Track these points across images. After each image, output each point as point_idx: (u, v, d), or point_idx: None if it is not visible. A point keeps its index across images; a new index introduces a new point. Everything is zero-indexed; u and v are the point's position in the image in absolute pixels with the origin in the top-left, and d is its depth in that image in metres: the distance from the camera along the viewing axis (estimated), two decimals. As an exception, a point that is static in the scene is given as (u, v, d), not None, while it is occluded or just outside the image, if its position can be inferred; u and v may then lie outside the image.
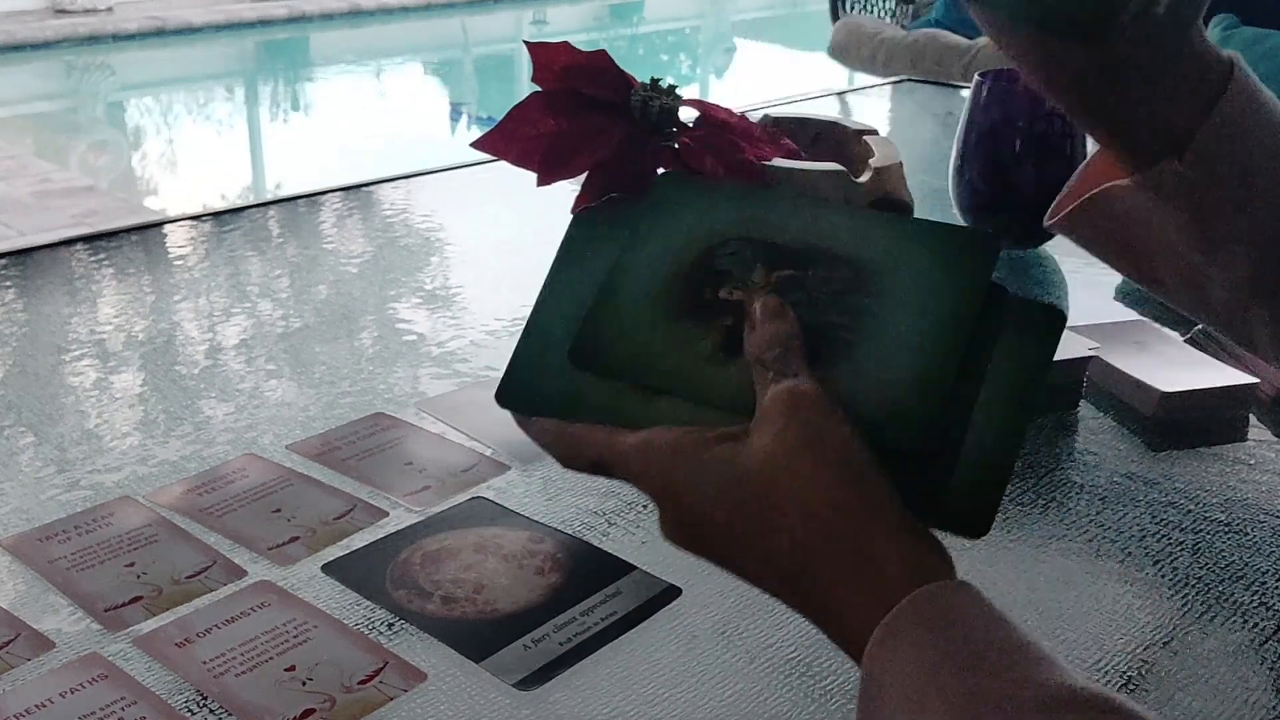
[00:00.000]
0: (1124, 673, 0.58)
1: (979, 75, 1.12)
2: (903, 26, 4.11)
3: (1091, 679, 0.39)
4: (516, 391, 0.53)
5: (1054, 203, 0.59)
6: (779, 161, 0.95)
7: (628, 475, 0.48)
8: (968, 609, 0.40)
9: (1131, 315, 0.98)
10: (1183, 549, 0.68)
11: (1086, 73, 0.51)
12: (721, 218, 0.54)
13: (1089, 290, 1.09)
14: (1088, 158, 0.59)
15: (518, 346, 0.55)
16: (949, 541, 0.44)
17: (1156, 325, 0.93)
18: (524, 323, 0.57)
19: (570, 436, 0.50)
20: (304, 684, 0.56)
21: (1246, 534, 0.69)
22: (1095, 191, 0.56)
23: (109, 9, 7.54)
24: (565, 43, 0.96)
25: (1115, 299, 1.05)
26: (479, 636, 0.59)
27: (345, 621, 0.60)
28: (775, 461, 0.43)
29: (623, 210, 0.57)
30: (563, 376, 0.52)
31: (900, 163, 0.97)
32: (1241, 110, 0.51)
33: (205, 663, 0.57)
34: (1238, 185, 0.52)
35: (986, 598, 0.41)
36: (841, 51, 4.10)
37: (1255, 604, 0.63)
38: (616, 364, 0.51)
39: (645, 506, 0.71)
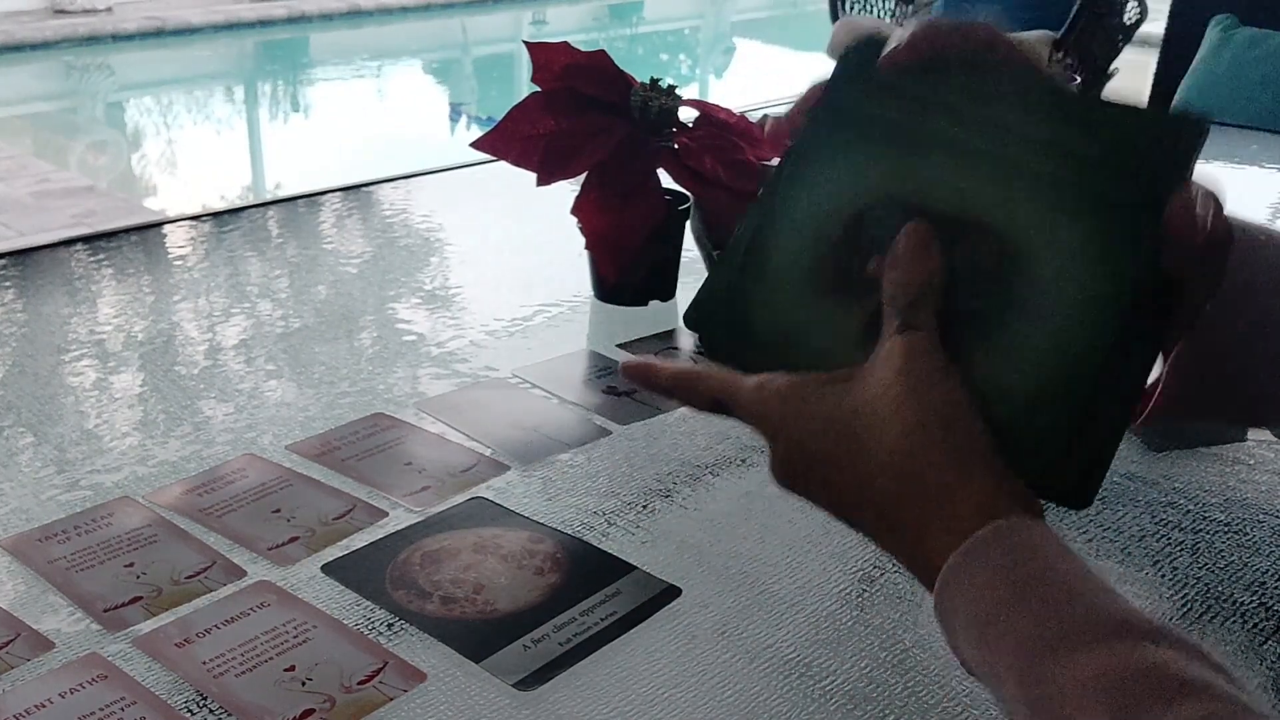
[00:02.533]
0: (1124, 673, 0.58)
1: (979, 75, 1.12)
2: (902, 26, 4.11)
3: (1159, 620, 0.40)
4: (706, 317, 0.52)
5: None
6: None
7: (743, 413, 0.50)
8: (1038, 541, 0.42)
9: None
10: (1183, 549, 0.68)
11: None
12: (869, 177, 0.49)
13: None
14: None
15: (712, 271, 0.53)
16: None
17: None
18: (524, 323, 0.57)
19: (693, 377, 0.51)
20: (304, 684, 0.56)
21: (1246, 534, 0.69)
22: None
23: (108, 9, 7.53)
24: (565, 43, 0.97)
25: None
26: (478, 636, 0.59)
27: (345, 621, 0.60)
28: (879, 408, 0.45)
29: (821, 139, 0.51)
30: (777, 313, 0.51)
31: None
32: None
33: (205, 663, 0.57)
34: None
35: (1056, 535, 0.43)
36: (841, 51, 4.09)
37: (1255, 604, 0.63)
38: (762, 342, 0.50)
39: (645, 506, 0.71)
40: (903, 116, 0.50)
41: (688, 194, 0.98)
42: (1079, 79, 1.10)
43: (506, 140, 0.94)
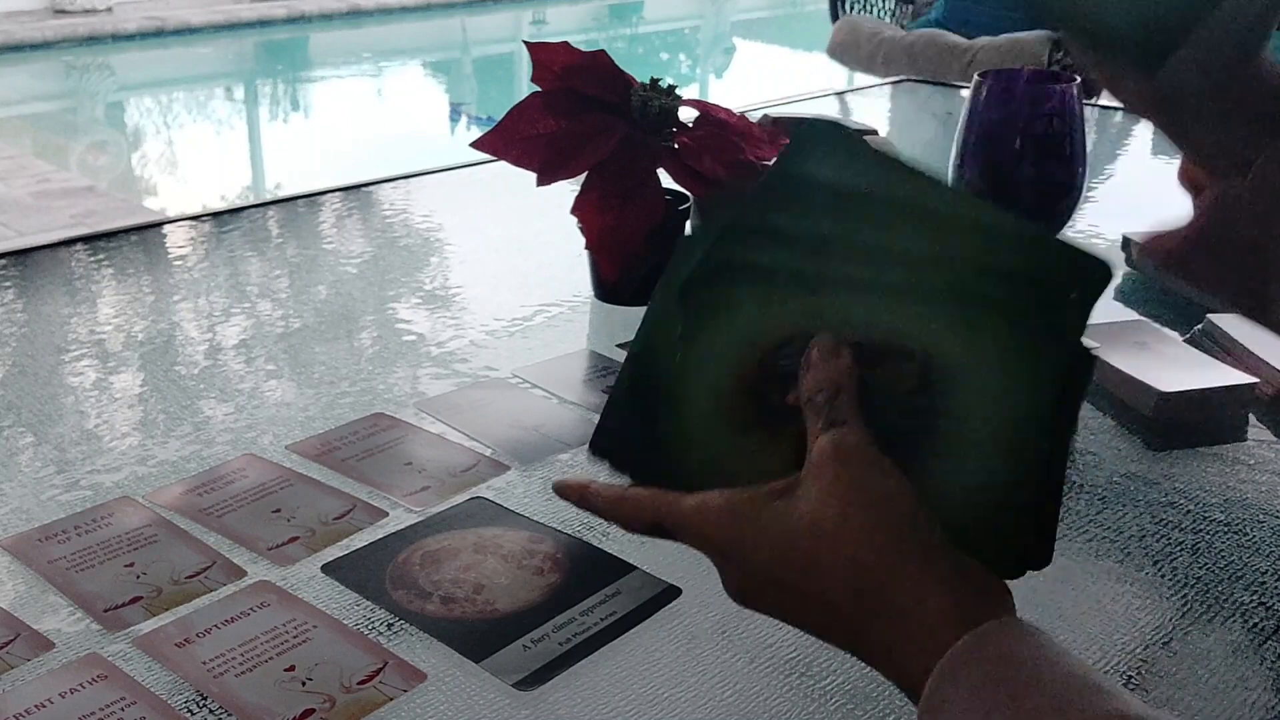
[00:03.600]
0: (1124, 673, 0.58)
1: (979, 75, 1.12)
2: (902, 26, 4.11)
3: (1152, 707, 0.39)
4: (606, 447, 0.52)
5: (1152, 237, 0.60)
6: (779, 161, 0.95)
7: (685, 537, 0.48)
8: (1019, 646, 0.40)
9: (1131, 315, 0.98)
10: (1183, 549, 0.68)
11: (1152, 98, 0.53)
12: (777, 314, 0.48)
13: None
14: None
15: (608, 401, 0.52)
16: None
17: (1156, 325, 0.93)
18: (524, 323, 0.56)
19: (630, 500, 0.50)
20: (304, 684, 0.56)
21: (1246, 534, 0.69)
22: (1172, 230, 0.57)
23: (108, 9, 7.53)
24: (565, 43, 0.97)
25: (1115, 299, 1.05)
26: (479, 636, 0.59)
27: (345, 621, 0.60)
28: (822, 517, 0.44)
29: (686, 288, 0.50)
30: (647, 443, 0.51)
31: (900, 163, 0.97)
32: None
33: (205, 663, 0.57)
34: None
35: (1039, 632, 0.41)
36: (841, 51, 4.10)
37: (1255, 604, 0.63)
38: (686, 479, 0.49)
39: (645, 506, 0.71)
40: (793, 259, 0.49)
41: (688, 194, 0.98)
42: (1079, 79, 1.10)
43: (506, 140, 0.94)
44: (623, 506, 0.51)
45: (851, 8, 4.35)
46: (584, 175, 0.93)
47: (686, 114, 0.96)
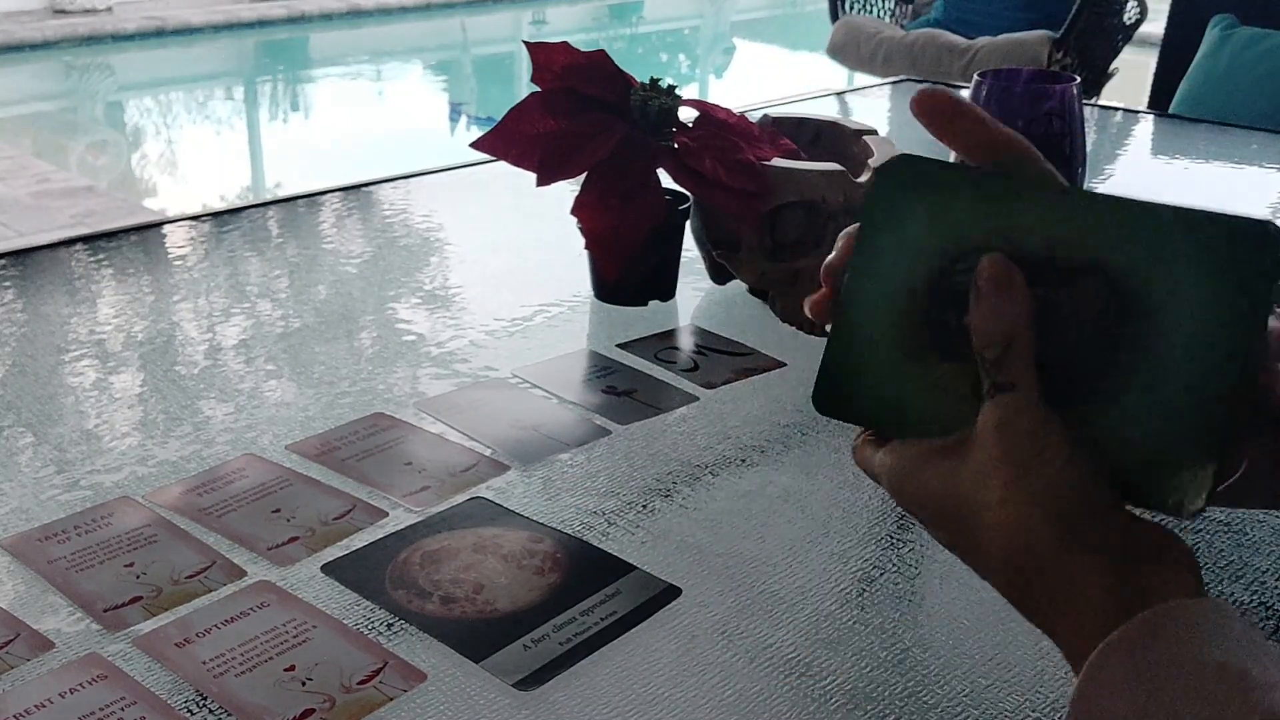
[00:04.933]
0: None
1: (978, 75, 1.12)
2: (902, 26, 4.11)
3: None
4: (831, 399, 0.47)
5: None
6: (779, 161, 0.95)
7: (887, 489, 0.47)
8: (1182, 637, 0.38)
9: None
10: (1182, 549, 0.68)
11: None
12: (955, 224, 0.44)
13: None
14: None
15: (827, 348, 0.47)
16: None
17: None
18: (524, 323, 0.56)
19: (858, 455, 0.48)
20: (304, 684, 0.56)
21: (1246, 534, 0.69)
22: None
23: (108, 9, 7.53)
24: (564, 43, 0.97)
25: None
26: (479, 636, 0.59)
27: (345, 621, 0.60)
28: (982, 488, 0.42)
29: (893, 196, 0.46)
30: (878, 383, 0.46)
31: (900, 163, 0.97)
32: None
33: (205, 663, 0.57)
34: None
35: (1209, 618, 0.39)
36: (840, 51, 4.10)
37: (1255, 604, 0.63)
38: (863, 413, 0.46)
39: (645, 506, 0.71)
40: (972, 171, 0.45)
41: (688, 194, 0.98)
42: (1079, 79, 1.10)
43: (506, 140, 0.94)
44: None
45: (851, 8, 4.35)
46: (584, 175, 0.93)
47: (686, 114, 0.96)
